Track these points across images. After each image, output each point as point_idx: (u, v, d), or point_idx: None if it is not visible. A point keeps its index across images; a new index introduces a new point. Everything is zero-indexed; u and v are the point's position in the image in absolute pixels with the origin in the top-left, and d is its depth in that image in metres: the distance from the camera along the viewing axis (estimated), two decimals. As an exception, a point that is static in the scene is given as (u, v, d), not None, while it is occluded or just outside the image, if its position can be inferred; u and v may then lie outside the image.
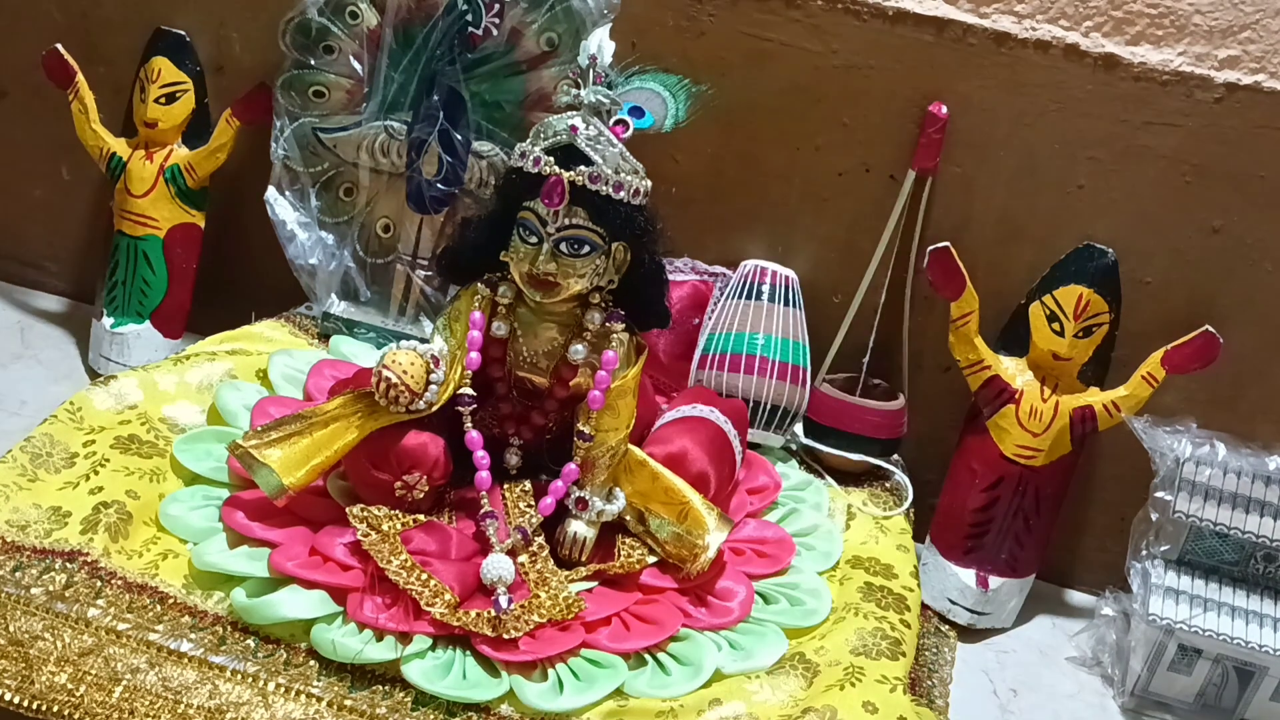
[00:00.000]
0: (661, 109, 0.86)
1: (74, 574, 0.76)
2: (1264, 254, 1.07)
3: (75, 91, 1.19)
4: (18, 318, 1.32)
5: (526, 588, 0.81)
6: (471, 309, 0.85)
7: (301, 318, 1.16)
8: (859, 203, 1.14)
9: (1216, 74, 1.04)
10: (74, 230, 1.34)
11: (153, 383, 0.94)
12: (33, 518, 0.79)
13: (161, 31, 1.20)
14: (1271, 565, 1.03)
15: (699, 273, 1.18)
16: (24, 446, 0.84)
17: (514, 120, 1.12)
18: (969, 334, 1.08)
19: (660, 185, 0.94)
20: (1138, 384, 1.06)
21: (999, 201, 1.11)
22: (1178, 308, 1.09)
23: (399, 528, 0.80)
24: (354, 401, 0.83)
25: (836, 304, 1.16)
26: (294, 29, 1.11)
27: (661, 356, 1.14)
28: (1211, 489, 1.02)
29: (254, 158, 1.18)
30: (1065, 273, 1.08)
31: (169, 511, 0.83)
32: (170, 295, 1.21)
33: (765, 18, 1.10)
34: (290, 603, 0.75)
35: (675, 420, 0.95)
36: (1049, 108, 1.07)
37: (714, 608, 0.84)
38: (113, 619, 0.73)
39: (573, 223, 0.81)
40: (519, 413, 0.89)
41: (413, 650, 0.74)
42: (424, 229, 1.15)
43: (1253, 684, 1.01)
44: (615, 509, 0.86)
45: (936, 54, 1.08)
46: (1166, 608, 1.00)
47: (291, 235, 1.14)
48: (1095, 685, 1.06)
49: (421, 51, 1.11)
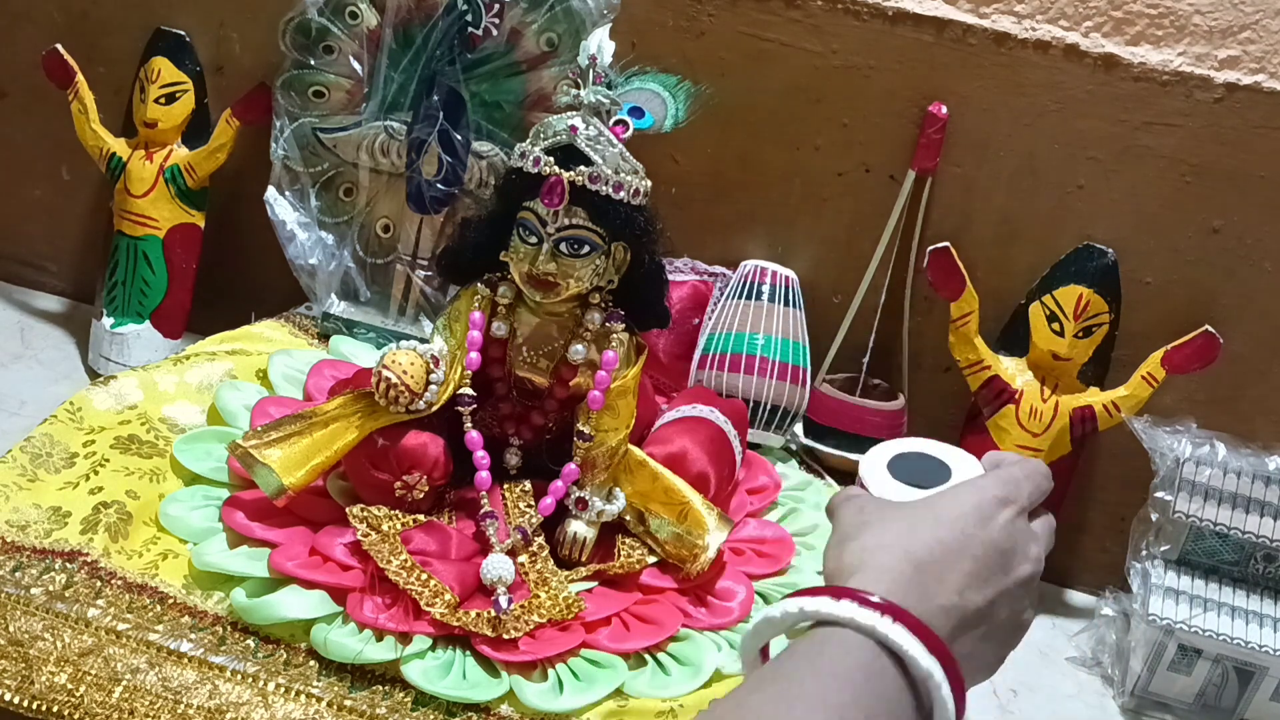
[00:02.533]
0: (661, 109, 0.86)
1: (74, 574, 0.76)
2: (1264, 254, 1.07)
3: (75, 91, 1.19)
4: (18, 318, 1.31)
5: (526, 588, 0.81)
6: (471, 309, 0.85)
7: (301, 318, 1.16)
8: (859, 203, 1.14)
9: (1216, 74, 1.04)
10: (74, 230, 1.34)
11: (153, 383, 0.94)
12: (33, 518, 0.79)
13: (161, 32, 1.20)
14: (1271, 565, 1.03)
15: (699, 273, 1.18)
16: (24, 446, 0.84)
17: (514, 120, 1.12)
18: (969, 334, 1.08)
19: (660, 185, 0.94)
20: (1138, 384, 1.06)
21: (999, 201, 1.11)
22: (1178, 308, 1.09)
23: (399, 528, 0.80)
24: (354, 401, 0.83)
25: (836, 304, 1.16)
26: (294, 29, 1.11)
27: (661, 356, 1.14)
28: (1211, 489, 1.02)
29: (254, 158, 1.18)
30: (1065, 273, 1.08)
31: (169, 511, 0.83)
32: (170, 295, 1.21)
33: (765, 18, 1.10)
34: (290, 603, 0.75)
35: (675, 420, 0.95)
36: (1049, 108, 1.07)
37: (714, 608, 0.84)
38: (113, 619, 0.73)
39: (572, 223, 0.81)
40: (519, 413, 0.89)
41: (413, 650, 0.74)
42: (424, 229, 1.15)
43: (1253, 684, 1.01)
44: (615, 509, 0.86)
45: (936, 54, 1.08)
46: (1166, 608, 1.00)
47: (291, 235, 1.14)
48: (1095, 685, 1.06)
49: (421, 51, 1.11)
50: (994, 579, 0.50)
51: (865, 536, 0.50)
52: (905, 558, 0.48)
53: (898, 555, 0.49)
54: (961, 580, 0.49)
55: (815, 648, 0.45)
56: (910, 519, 0.51)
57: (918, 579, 0.48)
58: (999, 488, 0.53)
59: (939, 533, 0.50)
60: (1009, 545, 0.51)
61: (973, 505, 0.52)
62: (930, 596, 0.47)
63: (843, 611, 0.45)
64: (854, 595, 0.46)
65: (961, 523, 0.51)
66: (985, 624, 0.49)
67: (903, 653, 0.44)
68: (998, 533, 0.51)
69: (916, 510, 0.52)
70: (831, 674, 0.43)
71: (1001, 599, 0.50)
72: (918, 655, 0.44)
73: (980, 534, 0.51)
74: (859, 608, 0.45)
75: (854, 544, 0.50)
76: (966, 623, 0.48)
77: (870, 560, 0.49)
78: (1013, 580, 0.51)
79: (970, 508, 0.52)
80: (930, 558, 0.49)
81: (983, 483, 0.54)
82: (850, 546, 0.50)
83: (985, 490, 0.53)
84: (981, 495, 0.53)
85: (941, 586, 0.48)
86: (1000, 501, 0.52)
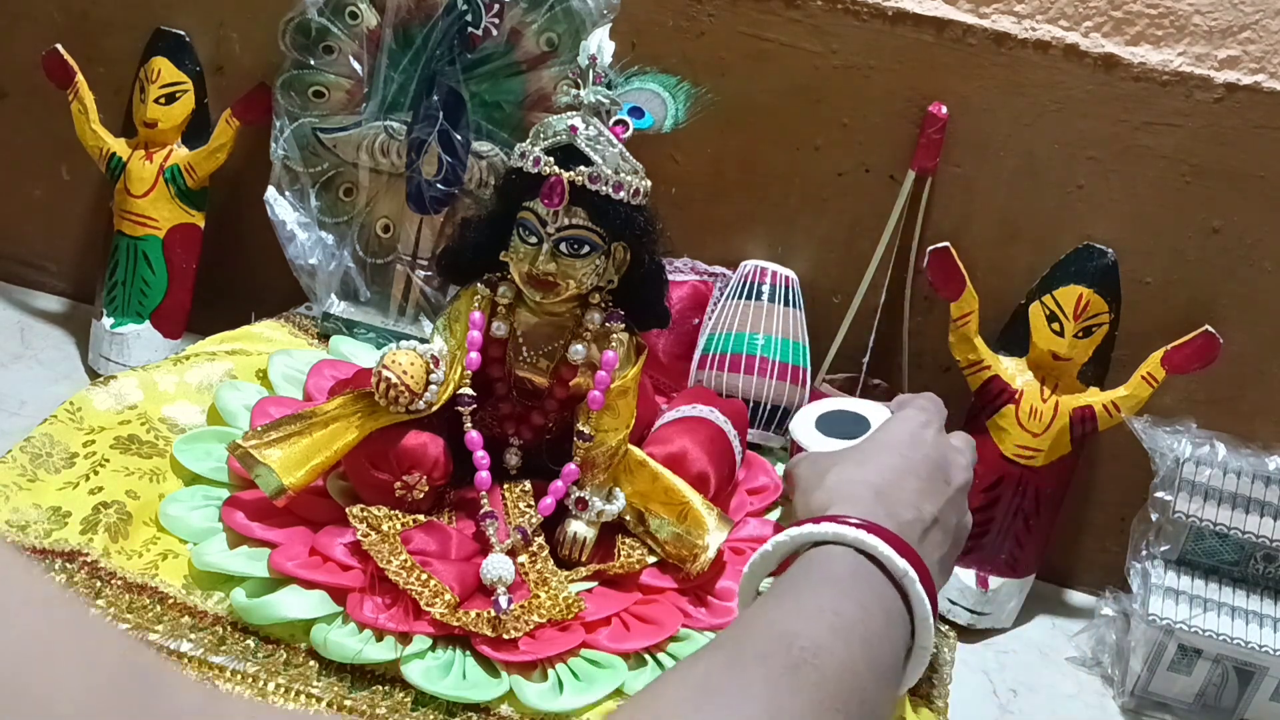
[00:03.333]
0: (661, 109, 0.86)
1: (74, 574, 0.76)
2: (1264, 254, 1.07)
3: (75, 92, 1.19)
4: (18, 318, 1.32)
5: (526, 588, 0.81)
6: (471, 309, 0.85)
7: (301, 318, 1.15)
8: (859, 203, 1.14)
9: (1216, 74, 1.04)
10: (74, 230, 1.34)
11: (153, 383, 0.94)
12: (33, 518, 0.79)
13: (161, 32, 1.20)
14: (1271, 565, 1.03)
15: (699, 273, 1.18)
16: (24, 446, 0.84)
17: (514, 120, 1.12)
18: (969, 334, 1.08)
19: (660, 185, 0.94)
20: (1138, 384, 1.06)
21: (999, 201, 1.11)
22: (1178, 308, 1.09)
23: (399, 528, 0.80)
24: (354, 401, 0.83)
25: (836, 304, 1.16)
26: (294, 29, 1.11)
27: (661, 356, 1.14)
28: (1211, 489, 1.02)
29: (254, 158, 1.18)
30: (1065, 273, 1.08)
31: (169, 511, 0.83)
32: (170, 295, 1.21)
33: (765, 18, 1.10)
34: (290, 603, 0.75)
35: (675, 420, 0.95)
36: (1049, 108, 1.07)
37: (714, 608, 0.84)
38: (113, 619, 0.73)
39: (572, 223, 0.81)
40: (519, 413, 0.88)
41: (412, 650, 0.74)
42: (424, 229, 1.15)
43: (1253, 684, 1.01)
44: (615, 509, 0.86)
45: (936, 54, 1.08)
46: (1166, 608, 1.01)
47: (291, 235, 1.14)
48: (1095, 685, 1.06)
49: (421, 51, 1.11)
50: (939, 489, 0.59)
51: (826, 479, 0.58)
52: (865, 486, 0.57)
53: (859, 485, 0.57)
54: (914, 495, 0.57)
55: (805, 565, 0.52)
56: (858, 456, 0.61)
57: (881, 501, 0.56)
58: (918, 414, 0.64)
59: (886, 459, 0.60)
60: (940, 457, 0.61)
61: (904, 432, 0.62)
62: (895, 514, 0.55)
63: (827, 531, 0.53)
64: (834, 519, 0.53)
65: (900, 448, 0.61)
66: (939, 529, 0.57)
67: (881, 555, 0.51)
68: (930, 449, 0.61)
69: (862, 448, 0.62)
70: (824, 579, 0.51)
71: (948, 506, 0.59)
72: (893, 557, 0.51)
73: (917, 454, 0.60)
74: (840, 527, 0.53)
75: (819, 489, 0.58)
76: (926, 530, 0.56)
77: (837, 494, 0.57)
78: (954, 489, 0.60)
79: (904, 434, 0.62)
80: (884, 481, 0.57)
81: (904, 414, 0.65)
82: (816, 492, 0.58)
83: (909, 420, 0.64)
84: (907, 424, 0.63)
85: (900, 504, 0.56)
86: (923, 424, 0.63)
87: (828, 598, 0.49)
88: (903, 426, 0.63)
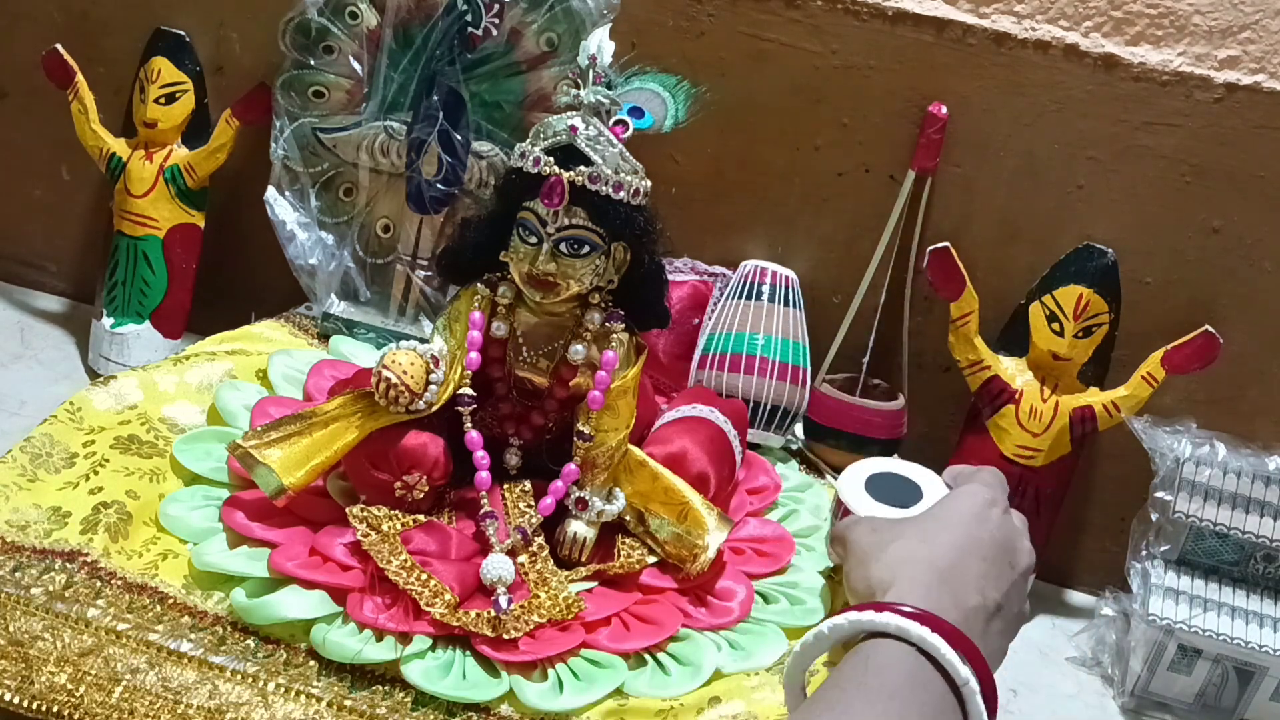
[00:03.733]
0: (661, 109, 0.86)
1: (74, 574, 0.76)
2: (1264, 254, 1.07)
3: (75, 92, 1.19)
4: (18, 318, 1.32)
5: (526, 588, 0.81)
6: (471, 309, 0.85)
7: (301, 318, 1.15)
8: (859, 203, 1.14)
9: (1216, 74, 1.04)
10: (74, 230, 1.34)
11: (152, 383, 0.94)
12: (33, 518, 0.79)
13: (161, 32, 1.20)
14: (1271, 565, 1.03)
15: (699, 273, 1.18)
16: (24, 446, 0.84)
17: (514, 120, 1.12)
18: (969, 334, 1.08)
19: (660, 185, 0.94)
20: (1138, 384, 1.06)
21: (999, 201, 1.11)
22: (1178, 308, 1.09)
23: (399, 528, 0.80)
24: (354, 401, 0.83)
25: (836, 304, 1.16)
26: (294, 29, 1.11)
27: (661, 356, 1.14)
28: (1211, 489, 1.02)
29: (254, 158, 1.18)
30: (1065, 273, 1.08)
31: (169, 511, 0.83)
32: (170, 295, 1.21)
33: (765, 18, 1.10)
34: (290, 603, 0.75)
35: (675, 420, 0.94)
36: (1049, 108, 1.08)
37: (714, 608, 0.84)
38: (113, 619, 0.73)
39: (572, 223, 0.81)
40: (519, 413, 0.88)
41: (412, 650, 0.74)
42: (424, 229, 1.15)
43: (1253, 684, 1.01)
44: (615, 509, 0.86)
45: (936, 54, 1.08)
46: (1166, 608, 1.01)
47: (291, 235, 1.14)
48: (1095, 685, 1.06)
49: (421, 51, 1.11)
50: (1004, 573, 0.55)
51: (888, 553, 0.55)
52: (929, 567, 0.53)
53: (923, 566, 0.53)
54: (979, 579, 0.53)
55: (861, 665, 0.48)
56: (921, 531, 0.56)
57: (945, 585, 0.52)
58: (984, 490, 0.60)
59: (950, 537, 0.55)
60: (1005, 539, 0.57)
61: (969, 510, 0.58)
62: (960, 601, 0.52)
63: (889, 623, 0.49)
64: (894, 608, 0.49)
65: (964, 526, 0.56)
66: (1000, 618, 0.54)
67: (944, 660, 0.48)
68: (996, 530, 0.57)
69: (924, 522, 0.58)
70: (881, 688, 0.47)
71: (1012, 591, 0.55)
72: (956, 664, 0.48)
73: (983, 534, 0.56)
74: (903, 622, 0.49)
75: (878, 562, 0.55)
76: (990, 618, 0.53)
77: (900, 573, 0.53)
78: (1018, 573, 0.57)
79: (968, 512, 0.58)
80: (949, 563, 0.53)
81: (969, 488, 0.60)
82: (875, 565, 0.55)
83: (975, 495, 0.59)
84: (973, 500, 0.59)
85: (965, 589, 0.52)
86: (989, 502, 0.59)
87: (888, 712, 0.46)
88: (968, 503, 0.59)
